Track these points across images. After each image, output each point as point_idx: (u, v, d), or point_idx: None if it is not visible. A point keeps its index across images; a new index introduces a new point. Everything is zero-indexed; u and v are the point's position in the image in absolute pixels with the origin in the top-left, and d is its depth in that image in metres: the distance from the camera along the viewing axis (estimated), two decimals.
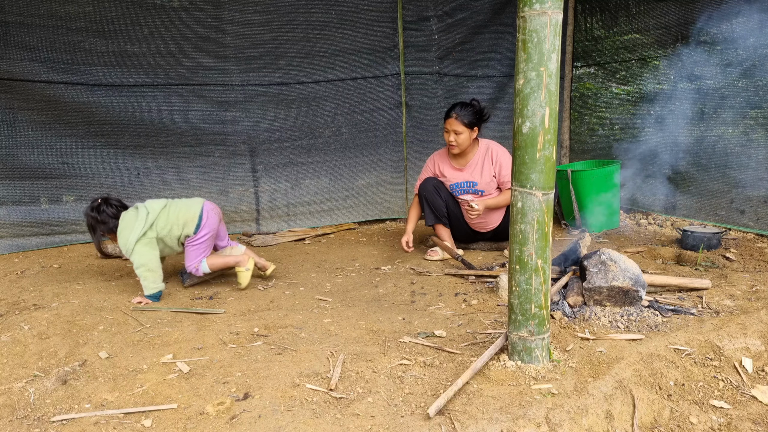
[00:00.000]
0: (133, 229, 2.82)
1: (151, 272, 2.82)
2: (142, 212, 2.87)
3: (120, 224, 2.86)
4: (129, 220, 2.86)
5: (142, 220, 2.83)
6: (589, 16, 5.02)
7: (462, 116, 3.46)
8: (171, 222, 2.89)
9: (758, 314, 2.31)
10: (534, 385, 1.84)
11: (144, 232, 2.82)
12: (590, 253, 2.61)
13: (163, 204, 2.93)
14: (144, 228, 2.82)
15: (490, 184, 3.61)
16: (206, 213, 2.96)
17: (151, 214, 2.86)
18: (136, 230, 2.81)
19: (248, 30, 4.28)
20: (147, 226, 2.83)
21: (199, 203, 2.99)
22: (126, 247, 2.82)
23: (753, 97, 3.75)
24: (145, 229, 2.82)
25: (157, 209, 2.88)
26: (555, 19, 1.72)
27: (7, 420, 1.77)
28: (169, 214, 2.90)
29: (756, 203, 3.80)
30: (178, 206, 2.95)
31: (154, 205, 2.91)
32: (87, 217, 2.92)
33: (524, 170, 1.81)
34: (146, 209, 2.88)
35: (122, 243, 2.83)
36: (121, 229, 2.85)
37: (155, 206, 2.90)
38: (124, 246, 2.82)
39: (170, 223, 2.89)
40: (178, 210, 2.93)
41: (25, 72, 3.79)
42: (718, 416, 1.80)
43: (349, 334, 2.34)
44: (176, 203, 2.98)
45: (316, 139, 4.67)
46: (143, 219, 2.83)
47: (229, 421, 1.70)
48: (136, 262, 2.81)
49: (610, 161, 4.50)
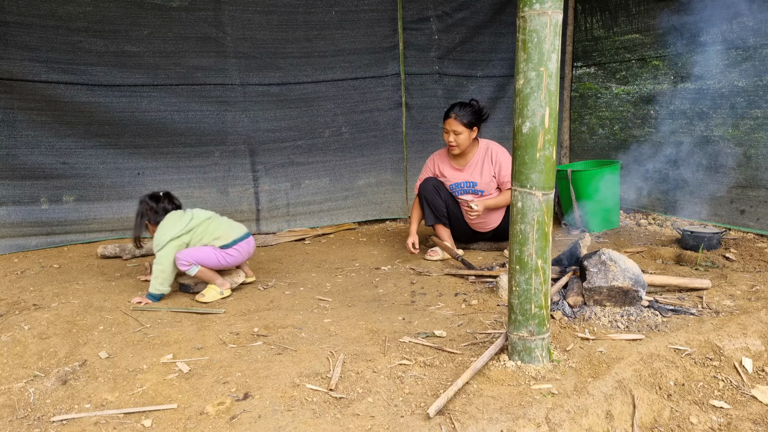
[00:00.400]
0: (173, 227, 2.88)
1: (164, 273, 2.85)
2: (187, 216, 2.93)
3: (164, 219, 2.93)
4: (173, 218, 2.93)
5: (183, 223, 2.89)
6: (589, 16, 5.02)
7: (461, 116, 3.46)
8: (208, 233, 2.94)
9: (758, 314, 2.31)
10: (534, 385, 1.84)
11: (179, 235, 2.87)
12: (590, 253, 2.61)
13: (208, 216, 3.00)
14: (182, 231, 2.88)
15: (490, 184, 3.61)
16: (240, 246, 2.98)
17: (194, 220, 2.92)
18: (174, 229, 2.87)
19: (248, 30, 4.28)
20: (185, 230, 2.88)
21: (242, 232, 3.03)
22: (159, 241, 2.87)
23: (753, 97, 3.75)
24: (182, 232, 2.88)
25: (201, 218, 2.96)
26: (555, 19, 1.72)
27: (7, 420, 1.77)
28: (209, 226, 2.96)
29: (756, 203, 3.80)
30: (221, 223, 3.02)
31: (201, 214, 2.99)
32: (142, 202, 2.99)
33: (524, 170, 1.81)
34: (192, 215, 2.95)
35: (157, 236, 2.88)
36: (162, 224, 2.91)
37: (201, 216, 2.97)
38: (158, 240, 2.87)
39: (207, 233, 2.94)
40: (220, 226, 2.99)
41: (25, 72, 3.79)
42: (718, 416, 1.80)
43: (349, 334, 2.34)
44: (221, 220, 3.04)
45: (316, 139, 4.67)
46: (185, 222, 2.90)
47: (229, 421, 1.70)
48: (159, 259, 2.85)
49: (610, 161, 4.50)
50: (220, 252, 2.92)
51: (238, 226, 3.07)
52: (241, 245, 2.99)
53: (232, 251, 2.95)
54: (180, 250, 2.86)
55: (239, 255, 2.98)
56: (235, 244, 2.96)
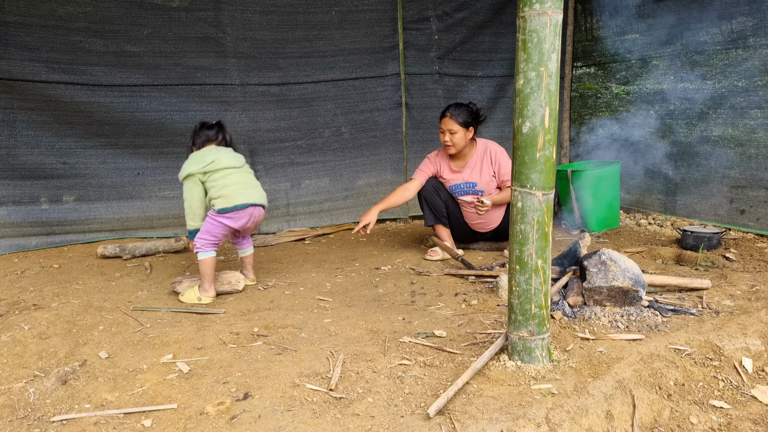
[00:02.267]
0: (194, 163, 2.85)
1: (191, 209, 2.85)
2: (210, 157, 2.85)
3: (198, 152, 2.91)
4: (200, 155, 2.89)
5: (204, 161, 2.83)
6: (589, 16, 5.02)
7: (456, 115, 3.45)
8: (219, 185, 2.84)
9: (758, 314, 2.31)
10: (534, 385, 1.84)
11: (194, 173, 2.82)
12: (590, 253, 2.61)
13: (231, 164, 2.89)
14: (197, 170, 2.82)
15: (490, 184, 3.61)
16: (242, 212, 2.88)
17: (213, 164, 2.84)
18: (193, 166, 2.83)
19: (248, 30, 4.28)
20: (200, 170, 2.82)
21: (249, 199, 2.89)
22: (181, 173, 2.87)
23: (753, 97, 3.75)
24: (197, 171, 2.82)
25: (220, 165, 2.85)
26: (555, 19, 1.72)
27: (7, 420, 1.77)
28: (224, 178, 2.85)
29: (756, 203, 3.80)
30: (236, 180, 2.88)
31: (224, 160, 2.87)
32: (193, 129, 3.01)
33: (524, 170, 1.81)
34: (215, 158, 2.85)
35: (183, 166, 2.88)
36: (189, 158, 2.89)
37: (222, 162, 2.86)
38: (181, 172, 2.87)
39: (218, 185, 2.84)
40: (232, 183, 2.86)
41: (25, 72, 3.79)
42: (718, 416, 1.80)
43: (349, 334, 2.34)
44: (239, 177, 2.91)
45: (316, 139, 4.67)
46: (205, 162, 2.83)
47: (229, 421, 1.70)
48: (184, 194, 2.86)
49: (610, 161, 4.50)
50: (216, 217, 2.84)
51: (250, 192, 2.91)
52: (242, 212, 2.87)
53: (231, 215, 2.85)
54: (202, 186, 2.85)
55: (238, 220, 2.88)
56: (233, 210, 2.84)
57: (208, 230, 2.87)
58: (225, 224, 2.87)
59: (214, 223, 2.86)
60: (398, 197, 3.63)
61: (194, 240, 2.88)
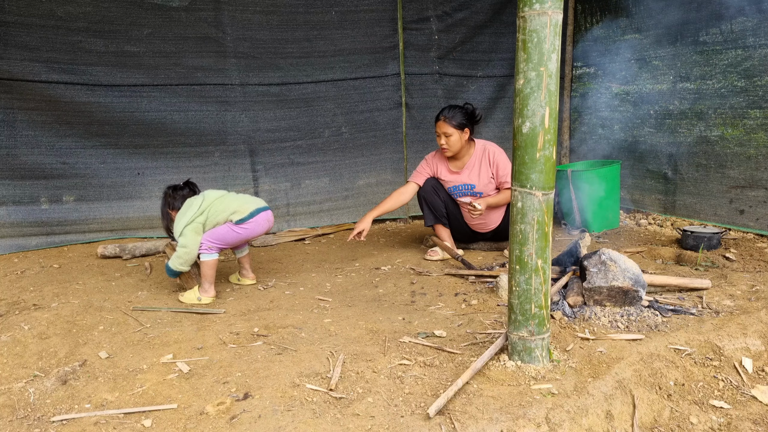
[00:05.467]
0: (186, 213, 2.90)
1: (187, 255, 2.88)
2: (198, 199, 2.95)
3: (183, 207, 2.96)
4: (187, 204, 2.95)
5: (195, 206, 2.91)
6: (589, 16, 5.02)
7: (450, 118, 3.45)
8: (222, 209, 2.93)
9: (758, 314, 2.31)
10: (534, 385, 1.84)
11: (193, 219, 2.88)
12: (590, 253, 2.61)
13: (220, 194, 3.00)
14: (195, 214, 2.88)
15: (488, 185, 3.60)
16: (258, 218, 2.97)
17: (205, 202, 2.93)
18: (188, 215, 2.89)
19: (248, 30, 4.28)
20: (198, 213, 2.89)
21: (259, 204, 3.02)
22: (177, 229, 2.90)
23: (753, 97, 3.75)
24: (195, 215, 2.88)
25: (212, 198, 2.96)
26: (555, 19, 1.72)
27: (7, 420, 1.77)
28: (222, 203, 2.95)
29: (755, 203, 3.80)
30: (234, 198, 3.01)
31: (212, 194, 2.99)
32: (165, 194, 3.07)
33: (524, 170, 1.81)
34: (203, 197, 2.97)
35: (176, 225, 2.92)
36: (180, 212, 2.94)
37: (212, 195, 2.98)
38: (176, 228, 2.91)
39: (222, 210, 2.93)
40: (234, 201, 2.98)
41: (25, 72, 3.79)
42: (718, 416, 1.80)
43: (349, 334, 2.34)
44: (234, 196, 3.03)
45: (316, 139, 4.67)
46: (196, 206, 2.91)
47: (229, 421, 1.70)
48: (181, 243, 2.88)
49: (610, 161, 4.50)
50: (235, 227, 2.92)
51: (254, 200, 3.05)
52: (258, 218, 2.97)
53: (247, 225, 2.94)
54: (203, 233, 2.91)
55: (257, 226, 2.98)
56: (251, 218, 2.94)
57: (220, 237, 2.91)
58: (243, 234, 2.94)
59: (230, 233, 2.92)
60: (393, 202, 3.65)
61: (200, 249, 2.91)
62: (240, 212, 2.93)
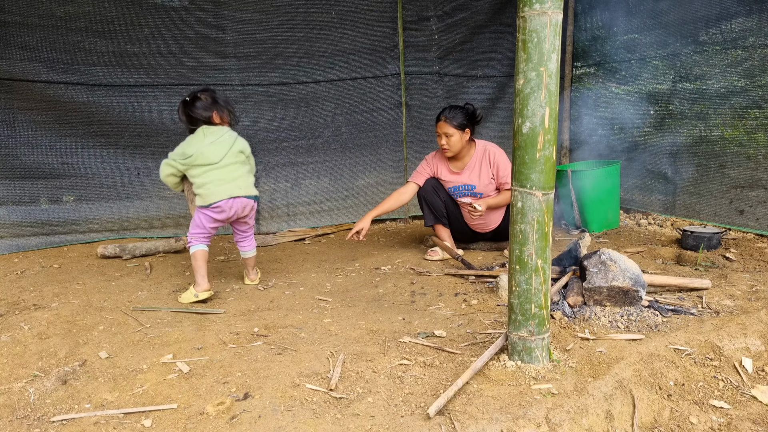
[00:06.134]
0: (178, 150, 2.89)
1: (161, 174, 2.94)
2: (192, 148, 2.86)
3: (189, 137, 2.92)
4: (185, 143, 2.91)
5: (183, 154, 2.86)
6: (589, 16, 5.02)
7: (450, 118, 3.45)
8: (200, 181, 2.85)
9: (758, 314, 2.31)
10: (534, 385, 1.84)
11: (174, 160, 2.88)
12: (590, 253, 2.61)
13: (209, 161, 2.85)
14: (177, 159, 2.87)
15: (489, 186, 3.60)
16: (227, 204, 2.88)
17: (193, 158, 2.84)
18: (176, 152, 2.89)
19: (248, 30, 4.28)
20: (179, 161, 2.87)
21: (226, 194, 2.87)
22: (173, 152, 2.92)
23: (753, 97, 3.75)
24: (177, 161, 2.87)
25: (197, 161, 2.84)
26: (555, 19, 1.72)
27: (7, 420, 1.77)
28: (202, 175, 2.85)
29: (755, 203, 3.80)
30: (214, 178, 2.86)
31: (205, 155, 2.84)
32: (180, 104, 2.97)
33: (524, 170, 1.81)
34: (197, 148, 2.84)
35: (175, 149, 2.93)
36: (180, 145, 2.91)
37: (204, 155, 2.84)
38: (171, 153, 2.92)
39: (199, 181, 2.85)
40: (211, 182, 2.85)
41: (25, 72, 3.79)
42: (718, 416, 1.80)
43: (349, 334, 2.34)
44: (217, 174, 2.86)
45: (316, 139, 4.67)
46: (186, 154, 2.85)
47: (229, 421, 1.70)
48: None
49: (610, 161, 4.50)
50: (205, 210, 2.88)
51: (223, 189, 2.86)
52: (223, 204, 2.86)
53: (214, 209, 2.87)
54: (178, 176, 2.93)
55: (228, 211, 2.89)
56: (213, 205, 2.85)
57: (197, 223, 2.91)
58: (211, 216, 2.90)
59: (200, 216, 2.91)
60: (393, 202, 3.65)
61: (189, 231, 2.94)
62: (203, 198, 2.85)
